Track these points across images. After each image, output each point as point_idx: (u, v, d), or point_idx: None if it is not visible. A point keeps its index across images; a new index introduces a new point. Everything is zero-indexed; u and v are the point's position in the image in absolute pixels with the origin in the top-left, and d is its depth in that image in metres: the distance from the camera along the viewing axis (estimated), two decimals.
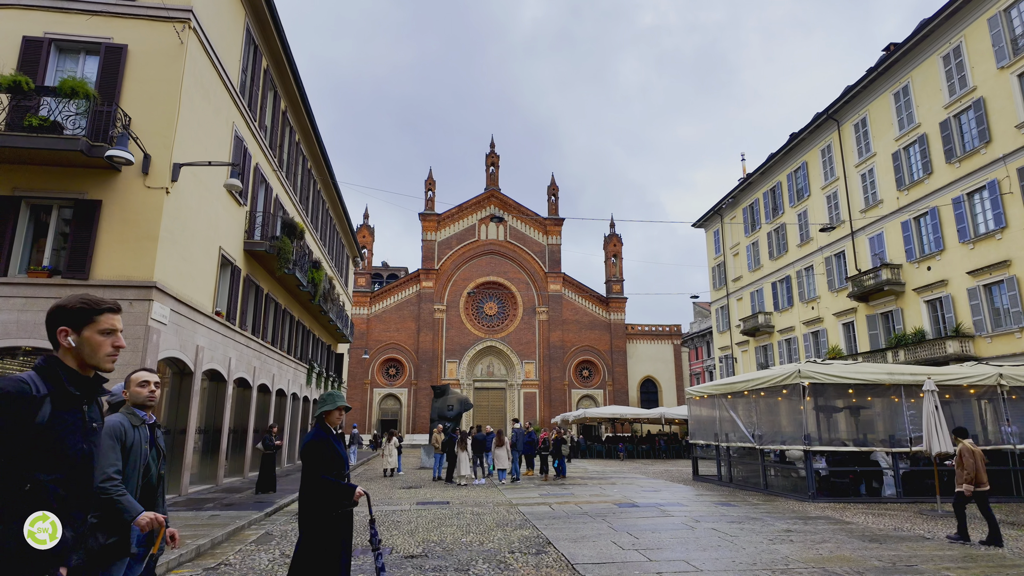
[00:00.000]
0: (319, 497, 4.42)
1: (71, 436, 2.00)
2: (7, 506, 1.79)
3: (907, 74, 24.59)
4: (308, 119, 21.92)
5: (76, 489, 2.03)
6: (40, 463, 1.91)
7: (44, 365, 2.03)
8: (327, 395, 4.77)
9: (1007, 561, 7.23)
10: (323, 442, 4.52)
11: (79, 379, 2.07)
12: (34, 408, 1.91)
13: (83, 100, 10.78)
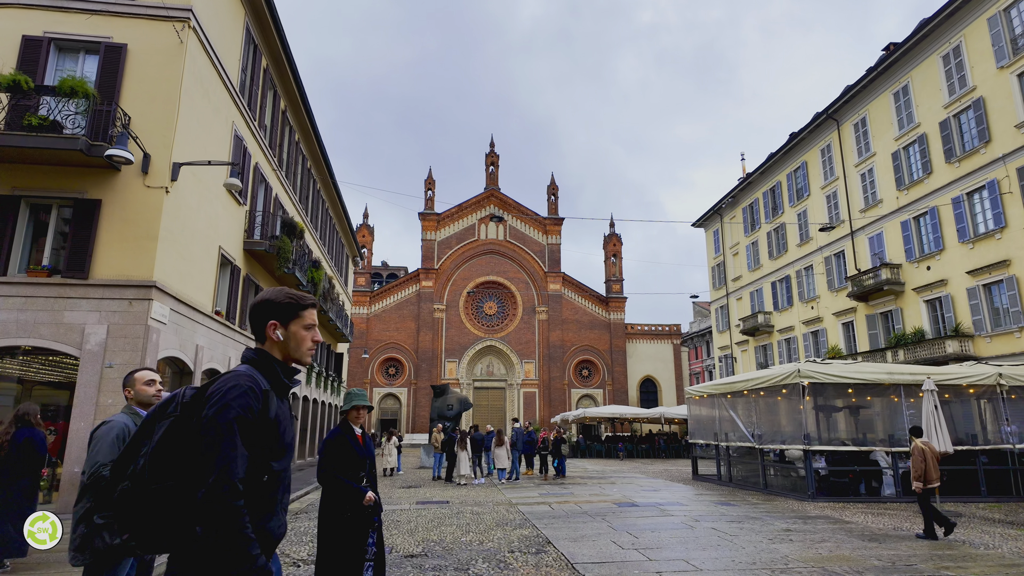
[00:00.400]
0: (332, 496, 4.38)
1: (288, 426, 2.06)
2: (251, 497, 1.80)
3: (907, 74, 24.59)
4: (308, 118, 21.91)
5: (288, 477, 2.09)
6: (274, 454, 1.95)
7: (256, 358, 2.04)
8: (348, 393, 4.78)
9: (1006, 560, 7.23)
10: (340, 440, 4.49)
11: (289, 371, 2.10)
12: (268, 401, 1.95)
13: (83, 99, 10.77)
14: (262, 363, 2.01)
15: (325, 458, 4.47)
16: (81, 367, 10.63)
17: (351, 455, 4.48)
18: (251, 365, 2.00)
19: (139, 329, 10.93)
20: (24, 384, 12.12)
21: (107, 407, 10.54)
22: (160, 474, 1.80)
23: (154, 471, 1.81)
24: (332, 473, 4.39)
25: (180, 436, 1.82)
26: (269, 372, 2.00)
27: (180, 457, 1.79)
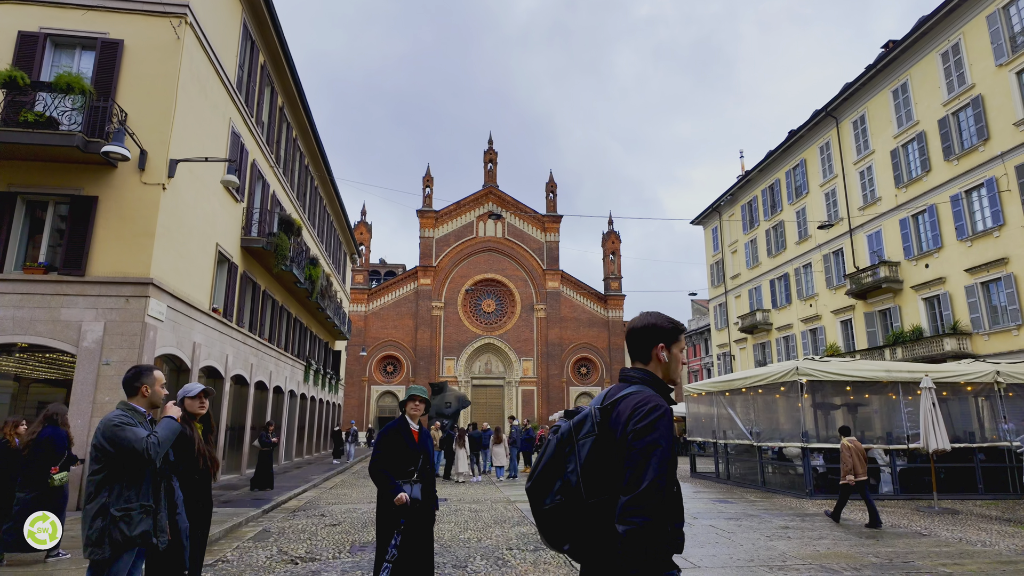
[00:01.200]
0: (379, 490, 4.48)
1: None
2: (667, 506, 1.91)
3: (906, 71, 24.58)
4: (305, 115, 21.85)
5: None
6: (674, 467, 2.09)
7: (648, 379, 2.12)
8: (414, 388, 4.84)
9: (1003, 557, 7.24)
10: (392, 434, 4.55)
11: (669, 390, 2.15)
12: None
13: (79, 95, 10.72)
14: (653, 383, 2.12)
15: (376, 451, 4.53)
16: (78, 364, 10.60)
17: (403, 449, 4.51)
18: (644, 384, 2.10)
19: (136, 326, 10.90)
20: (21, 382, 12.08)
21: (104, 404, 10.52)
22: (595, 489, 1.97)
23: (588, 486, 1.97)
24: (379, 467, 4.45)
25: (603, 452, 1.97)
26: (660, 390, 2.11)
27: (607, 471, 1.96)
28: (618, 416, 1.98)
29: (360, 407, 48.83)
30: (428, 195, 53.08)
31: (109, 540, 3.15)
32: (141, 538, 3.25)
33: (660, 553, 1.82)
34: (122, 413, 3.40)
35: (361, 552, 7.56)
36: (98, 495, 3.25)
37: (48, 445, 6.33)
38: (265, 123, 18.40)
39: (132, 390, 3.57)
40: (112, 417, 3.35)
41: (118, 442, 3.24)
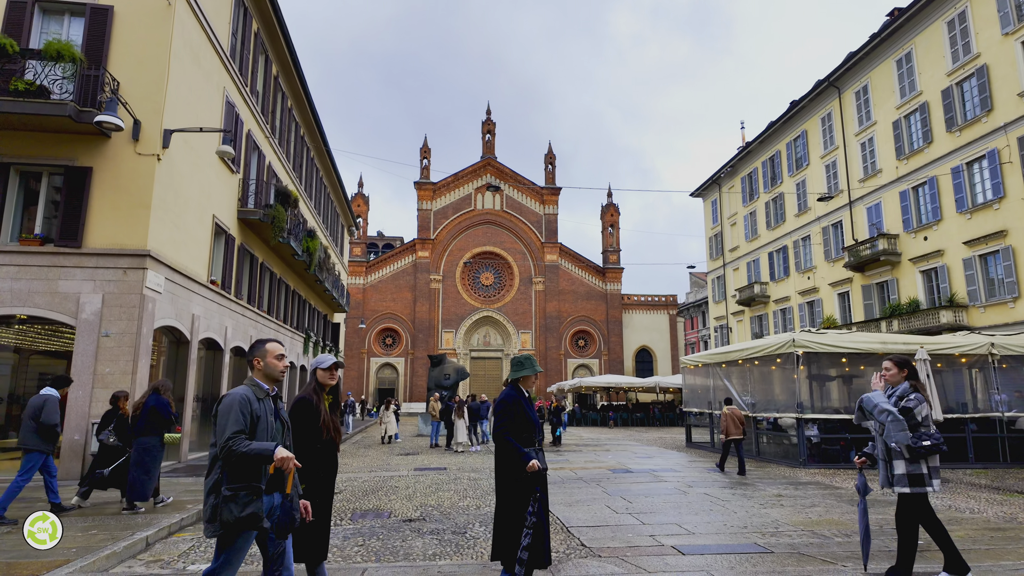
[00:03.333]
0: (503, 457, 4.37)
1: None
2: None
3: (910, 40, 24.19)
4: (300, 84, 21.52)
5: None
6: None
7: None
8: (525, 359, 4.63)
9: (991, 524, 7.40)
10: (514, 403, 4.44)
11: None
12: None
13: (69, 64, 10.52)
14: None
15: (500, 417, 4.42)
16: (77, 336, 10.63)
17: (525, 419, 4.41)
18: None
19: (134, 298, 10.91)
20: (21, 353, 12.12)
21: (105, 375, 10.58)
22: None
23: None
24: (504, 433, 4.35)
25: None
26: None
27: None
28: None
29: (360, 379, 49.20)
30: (426, 167, 52.62)
31: (220, 519, 3.08)
32: (249, 520, 3.10)
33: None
34: (246, 390, 3.29)
35: (362, 519, 7.70)
36: (212, 470, 3.18)
37: (154, 412, 7.66)
38: (260, 92, 18.12)
39: (250, 365, 3.47)
40: (234, 393, 3.25)
41: (218, 421, 3.16)
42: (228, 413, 3.14)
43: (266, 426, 3.26)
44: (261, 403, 3.28)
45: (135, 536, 6.24)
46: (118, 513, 7.51)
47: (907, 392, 4.82)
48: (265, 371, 3.41)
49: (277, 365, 3.43)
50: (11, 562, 5.22)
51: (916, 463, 4.67)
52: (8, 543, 5.89)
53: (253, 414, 3.20)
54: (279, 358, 3.46)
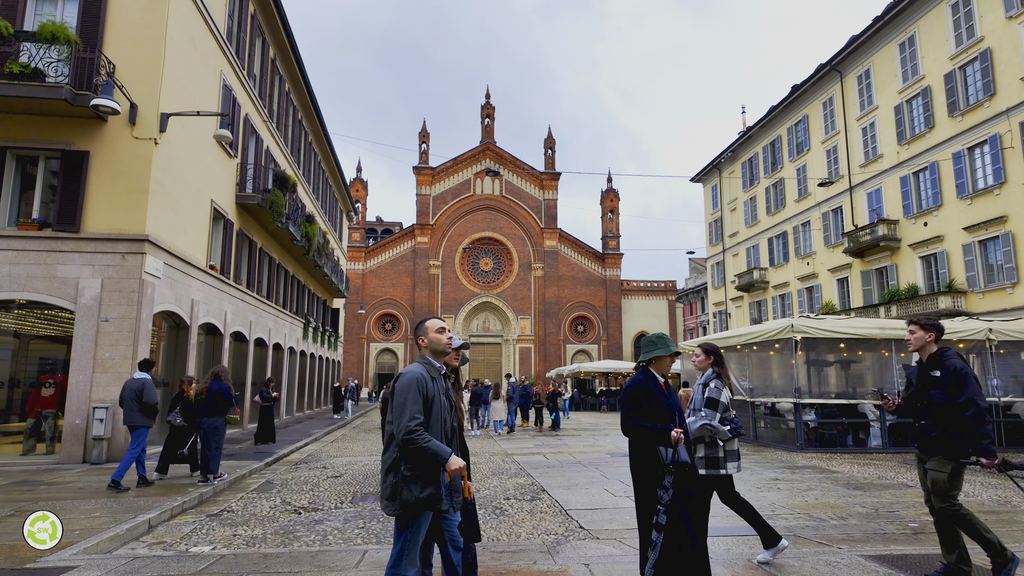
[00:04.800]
0: (640, 448, 3.85)
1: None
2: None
3: (914, 24, 23.96)
4: (298, 67, 21.33)
5: None
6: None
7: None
8: (657, 338, 4.06)
9: (986, 507, 7.47)
10: (643, 388, 3.87)
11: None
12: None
13: (64, 46, 10.41)
14: None
15: (627, 405, 3.87)
16: (77, 321, 10.64)
17: (658, 406, 3.83)
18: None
19: (133, 283, 10.90)
20: (21, 338, 12.14)
21: (105, 360, 10.60)
22: None
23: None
24: (634, 422, 3.82)
25: None
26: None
27: None
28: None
29: (359, 364, 49.35)
30: (424, 151, 52.33)
31: (400, 499, 3.07)
32: (429, 501, 3.09)
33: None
34: (421, 369, 3.28)
35: (363, 503, 7.76)
36: (389, 448, 3.17)
37: (218, 395, 8.56)
38: (257, 76, 17.96)
39: (417, 344, 3.48)
40: (411, 372, 3.23)
41: (395, 400, 3.13)
42: (406, 393, 3.12)
43: (439, 406, 3.25)
44: (435, 382, 3.27)
45: (137, 519, 6.30)
46: (192, 485, 8.39)
47: (710, 378, 4.94)
48: (431, 347, 3.42)
49: (440, 339, 3.43)
50: (14, 544, 5.27)
51: (714, 447, 4.78)
52: (11, 526, 5.94)
53: (427, 394, 3.18)
54: (440, 331, 3.46)
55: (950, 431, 4.28)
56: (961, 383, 4.26)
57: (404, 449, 3.08)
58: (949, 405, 4.29)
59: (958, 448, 4.24)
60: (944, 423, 4.31)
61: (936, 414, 4.36)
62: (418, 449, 3.03)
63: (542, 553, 5.26)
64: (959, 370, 4.31)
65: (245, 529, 6.36)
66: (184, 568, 4.88)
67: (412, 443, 3.02)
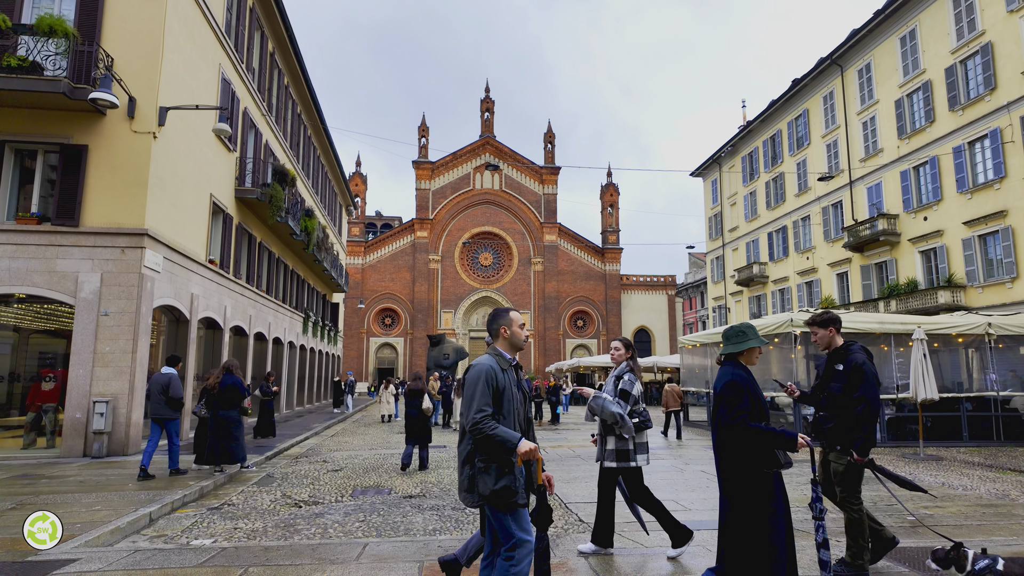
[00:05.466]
0: (743, 450, 3.49)
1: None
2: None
3: (915, 17, 23.87)
4: (297, 61, 21.25)
5: None
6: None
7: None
8: (747, 327, 3.77)
9: (983, 500, 7.50)
10: (744, 383, 3.53)
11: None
12: None
13: (62, 39, 10.36)
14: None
15: (733, 402, 3.49)
16: (77, 315, 10.64)
17: (759, 403, 3.54)
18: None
19: (133, 277, 10.89)
20: (21, 332, 12.15)
21: (105, 354, 10.61)
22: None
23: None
24: (745, 422, 3.44)
25: None
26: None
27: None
28: None
29: (359, 358, 49.40)
30: (424, 145, 52.23)
31: (477, 490, 3.05)
32: (504, 493, 3.03)
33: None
34: (491, 360, 3.22)
35: (363, 496, 7.78)
36: (464, 439, 3.15)
37: (232, 389, 8.92)
38: (256, 69, 17.90)
39: (494, 333, 3.40)
40: (480, 364, 3.19)
41: (465, 392, 3.12)
42: (475, 385, 3.10)
43: (511, 397, 3.20)
44: (505, 374, 3.22)
45: (138, 512, 6.32)
46: (209, 474, 8.81)
47: (624, 371, 5.02)
48: (511, 340, 3.37)
49: (520, 334, 3.40)
50: (15, 537, 5.28)
51: (624, 440, 4.85)
52: (12, 519, 5.96)
53: (498, 386, 3.15)
54: (521, 327, 3.44)
55: (845, 424, 4.39)
56: (858, 379, 4.35)
57: (474, 439, 3.06)
58: (845, 399, 4.39)
59: (849, 439, 4.36)
60: (840, 415, 4.43)
61: (833, 406, 4.48)
62: (486, 437, 3.00)
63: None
64: (859, 366, 4.39)
65: (246, 522, 6.39)
66: (185, 561, 4.90)
67: (479, 432, 3.00)
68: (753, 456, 3.49)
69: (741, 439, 3.49)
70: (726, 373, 3.64)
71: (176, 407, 8.76)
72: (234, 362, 9.31)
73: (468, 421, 3.05)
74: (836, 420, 4.45)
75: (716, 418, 3.61)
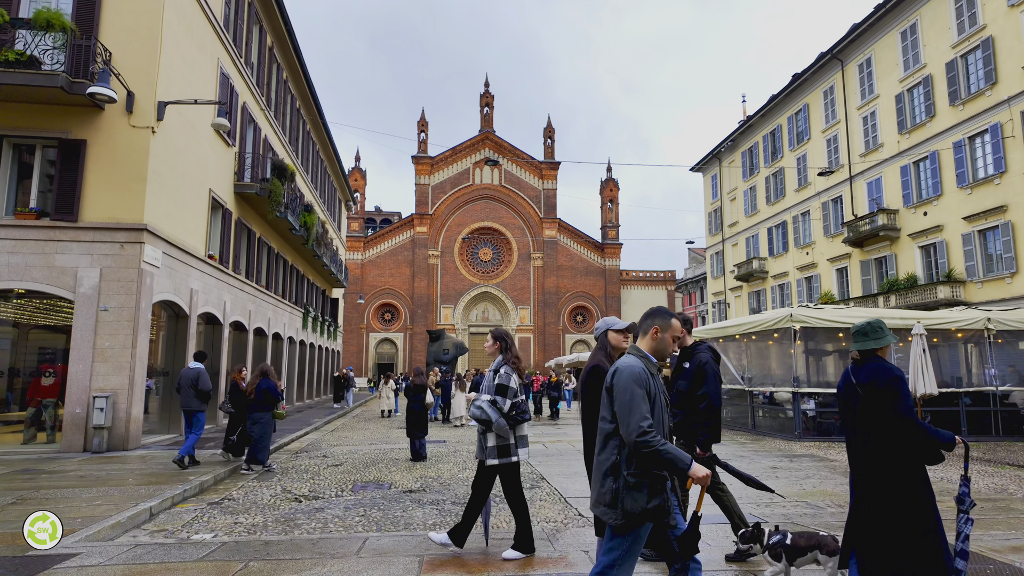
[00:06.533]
0: (906, 446, 3.33)
1: None
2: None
3: (916, 11, 23.80)
4: (296, 55, 21.18)
5: None
6: None
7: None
8: (879, 324, 3.52)
9: (982, 495, 7.52)
10: (904, 381, 3.37)
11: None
12: None
13: (60, 33, 10.32)
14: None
15: (907, 401, 3.32)
16: (76, 310, 10.63)
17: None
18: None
19: (132, 273, 10.88)
20: (20, 327, 12.14)
21: (105, 349, 10.61)
22: None
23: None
24: (914, 419, 3.27)
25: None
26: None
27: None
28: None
29: (359, 354, 49.42)
30: (423, 140, 52.11)
31: (623, 507, 2.76)
32: (657, 512, 2.78)
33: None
34: (640, 364, 2.90)
35: (363, 491, 7.80)
36: (605, 447, 2.86)
37: (267, 393, 9.10)
38: (255, 64, 17.83)
39: (643, 331, 3.09)
40: (631, 367, 2.86)
41: (616, 398, 2.81)
42: (631, 390, 2.78)
43: (660, 406, 2.91)
44: (654, 379, 2.91)
45: (139, 507, 6.33)
46: (234, 468, 9.15)
47: (500, 365, 4.94)
48: (659, 345, 3.05)
49: (670, 344, 3.09)
50: (16, 532, 5.29)
51: (504, 435, 4.75)
52: (12, 514, 5.97)
53: (649, 391, 2.84)
54: (675, 339, 3.14)
55: (690, 419, 4.63)
56: (701, 377, 4.62)
57: (636, 453, 2.76)
58: (690, 395, 4.65)
59: (693, 434, 4.60)
60: (686, 410, 4.66)
61: (681, 402, 4.71)
62: (653, 453, 2.70)
63: (542, 540, 5.29)
64: (703, 365, 4.66)
65: (246, 517, 6.40)
66: (186, 555, 4.91)
67: (647, 446, 2.69)
68: (920, 451, 3.35)
69: (907, 433, 3.29)
70: (882, 368, 3.40)
71: (204, 399, 9.31)
72: (269, 367, 9.53)
73: (631, 431, 2.71)
74: (683, 416, 4.69)
75: (863, 415, 3.40)
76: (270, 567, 4.58)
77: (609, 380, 2.91)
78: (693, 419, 4.61)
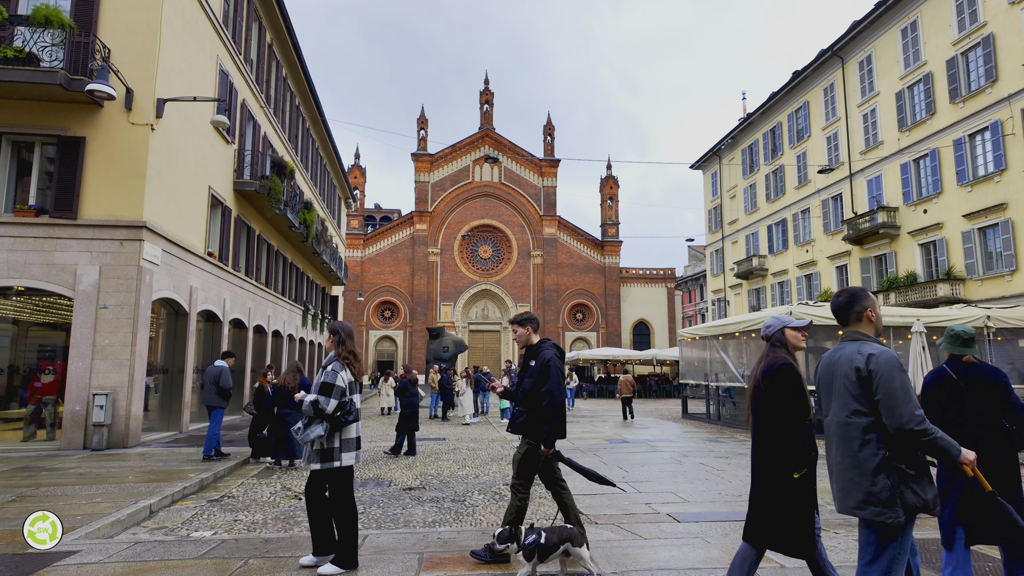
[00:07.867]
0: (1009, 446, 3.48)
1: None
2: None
3: (916, 8, 23.75)
4: (295, 52, 21.13)
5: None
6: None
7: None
8: (974, 332, 3.79)
9: None
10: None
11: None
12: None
13: (58, 30, 10.30)
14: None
15: (1008, 399, 3.47)
16: (76, 308, 10.63)
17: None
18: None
19: (131, 270, 10.87)
20: (20, 325, 12.13)
21: (104, 347, 10.61)
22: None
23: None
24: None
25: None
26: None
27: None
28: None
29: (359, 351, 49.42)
30: (423, 138, 52.02)
31: (902, 502, 2.63)
32: (933, 504, 2.68)
33: None
34: (888, 349, 2.82)
35: (362, 488, 7.80)
36: (865, 444, 2.72)
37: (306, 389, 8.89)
38: (254, 61, 17.80)
39: (856, 315, 2.98)
40: (885, 351, 2.78)
41: (884, 385, 2.69)
42: (899, 378, 2.69)
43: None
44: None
45: (139, 504, 6.33)
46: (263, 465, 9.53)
47: (331, 360, 4.56)
48: (877, 323, 2.98)
49: (879, 320, 3.01)
50: (15, 530, 5.29)
51: (330, 437, 4.39)
52: (12, 511, 5.98)
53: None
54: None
55: (535, 416, 4.61)
56: (545, 374, 4.60)
57: (913, 443, 2.65)
58: (534, 392, 4.63)
59: (537, 432, 4.61)
60: (531, 408, 4.65)
61: (526, 400, 4.70)
62: (930, 441, 2.61)
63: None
64: (547, 362, 4.65)
65: (246, 514, 6.40)
66: (186, 552, 4.91)
67: (926, 434, 2.60)
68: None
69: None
70: (996, 369, 3.73)
71: (225, 397, 9.55)
72: (299, 363, 9.82)
73: (907, 421, 2.60)
74: (529, 413, 4.68)
75: (965, 409, 3.66)
76: (270, 564, 4.58)
77: (865, 369, 2.75)
78: (538, 415, 4.60)
